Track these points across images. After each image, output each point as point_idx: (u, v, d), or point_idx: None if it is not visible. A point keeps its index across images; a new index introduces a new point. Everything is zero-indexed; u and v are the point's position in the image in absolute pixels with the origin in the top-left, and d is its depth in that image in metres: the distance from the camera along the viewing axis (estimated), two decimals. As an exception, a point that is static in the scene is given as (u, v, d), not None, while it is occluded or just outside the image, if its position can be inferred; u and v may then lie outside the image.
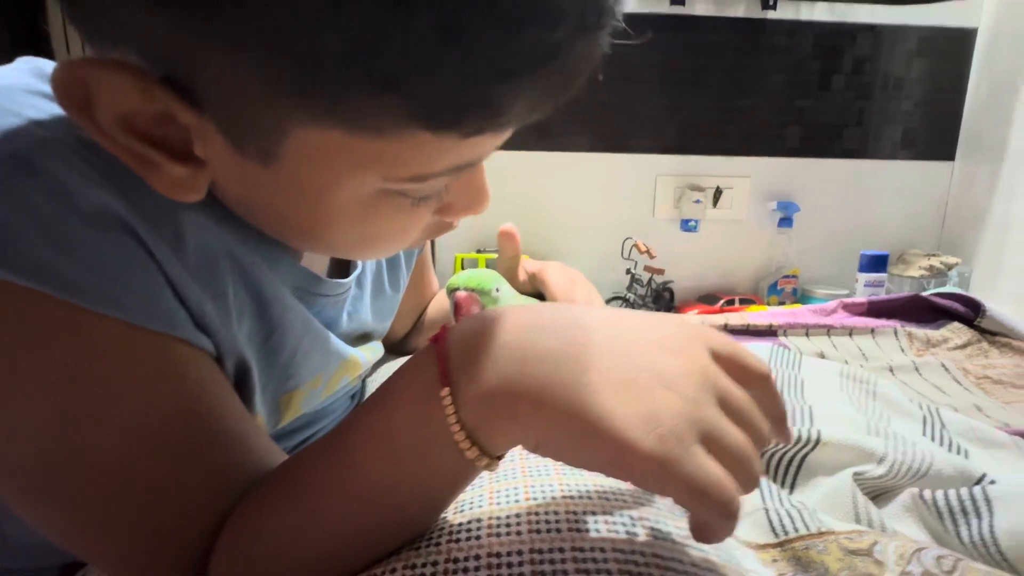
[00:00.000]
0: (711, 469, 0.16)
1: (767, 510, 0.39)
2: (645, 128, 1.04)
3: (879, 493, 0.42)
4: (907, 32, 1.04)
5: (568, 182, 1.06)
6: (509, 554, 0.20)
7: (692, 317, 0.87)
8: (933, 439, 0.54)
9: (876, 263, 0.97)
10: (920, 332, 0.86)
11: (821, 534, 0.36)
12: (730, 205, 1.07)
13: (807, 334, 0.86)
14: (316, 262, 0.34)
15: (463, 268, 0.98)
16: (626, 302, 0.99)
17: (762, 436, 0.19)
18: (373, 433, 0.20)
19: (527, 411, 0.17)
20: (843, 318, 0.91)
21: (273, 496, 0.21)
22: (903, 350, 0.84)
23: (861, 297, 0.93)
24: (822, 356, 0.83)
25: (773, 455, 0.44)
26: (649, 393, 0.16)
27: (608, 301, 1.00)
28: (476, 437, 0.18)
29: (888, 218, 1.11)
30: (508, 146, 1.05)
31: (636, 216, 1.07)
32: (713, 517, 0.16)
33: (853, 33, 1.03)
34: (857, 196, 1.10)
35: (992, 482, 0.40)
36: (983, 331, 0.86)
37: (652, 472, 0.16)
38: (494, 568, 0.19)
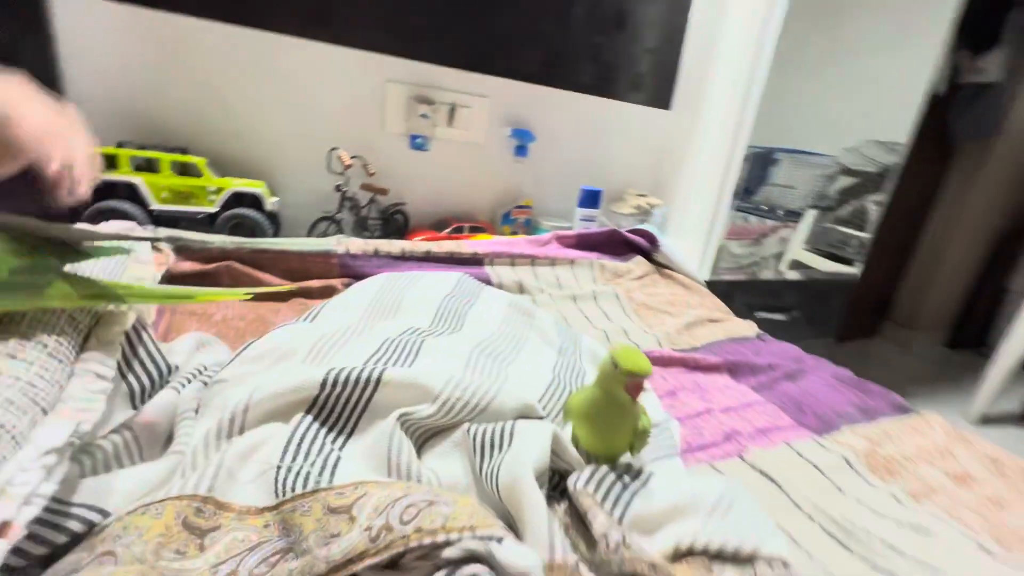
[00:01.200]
0: None
1: (279, 468, 0.34)
2: (375, 21, 0.89)
3: (440, 430, 0.41)
4: (643, -28, 1.06)
5: (277, 72, 0.86)
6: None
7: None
8: (560, 365, 0.57)
9: (591, 199, 1.03)
10: (611, 264, 0.94)
11: (314, 493, 0.31)
12: (467, 126, 1.00)
13: (512, 263, 0.87)
14: None
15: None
16: (334, 223, 0.87)
17: None
18: None
19: None
20: (554, 249, 0.95)
21: None
22: (594, 280, 0.92)
23: (572, 231, 0.98)
24: (520, 286, 0.85)
25: (333, 398, 0.39)
26: None
27: (316, 223, 0.87)
28: None
29: (615, 158, 1.19)
30: (184, 5, 0.69)
31: (363, 126, 0.93)
32: None
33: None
34: (590, 133, 1.14)
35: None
36: (658, 264, 0.99)
37: None
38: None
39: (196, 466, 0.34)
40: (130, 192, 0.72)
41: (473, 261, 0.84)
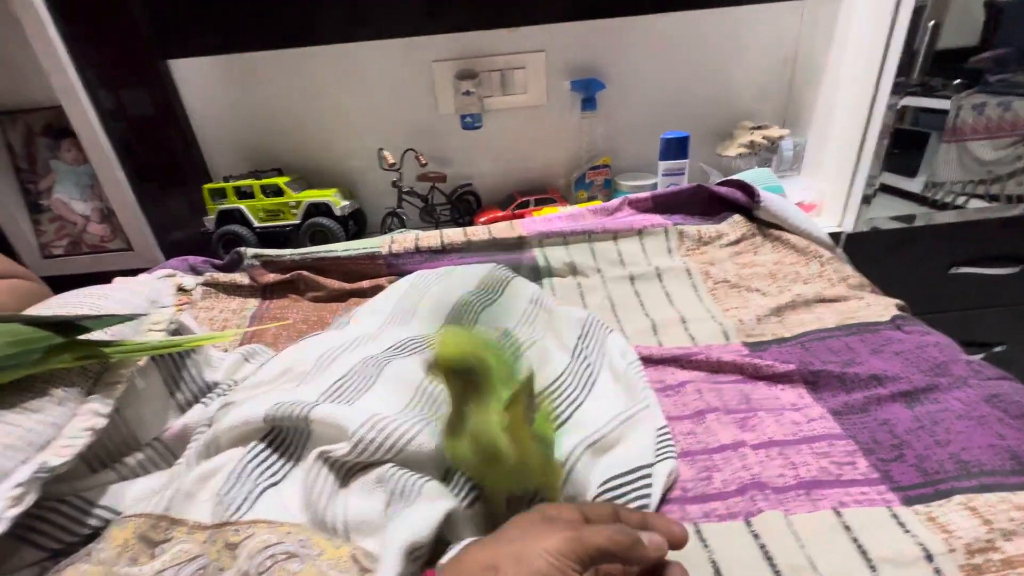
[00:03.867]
0: None
1: (218, 494, 0.39)
2: (411, 4, 0.86)
3: (369, 465, 0.41)
4: None
5: (335, 81, 0.91)
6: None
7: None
8: (568, 374, 0.52)
9: (675, 148, 0.85)
10: (692, 230, 0.78)
11: (222, 526, 0.36)
12: (524, 89, 0.91)
13: (566, 242, 0.79)
14: None
15: (210, 199, 0.90)
16: (396, 216, 0.91)
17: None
18: None
19: None
20: (622, 218, 0.82)
21: None
22: (670, 251, 0.77)
23: (646, 193, 0.83)
24: (573, 267, 0.77)
25: (280, 430, 0.43)
26: None
27: (383, 218, 0.92)
28: None
29: (721, 86, 0.94)
30: (246, 46, 0.88)
31: (420, 116, 0.93)
32: None
33: None
34: (681, 60, 0.91)
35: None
36: (761, 222, 0.77)
37: None
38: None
39: (171, 483, 0.42)
40: (240, 216, 0.88)
41: (519, 245, 0.79)
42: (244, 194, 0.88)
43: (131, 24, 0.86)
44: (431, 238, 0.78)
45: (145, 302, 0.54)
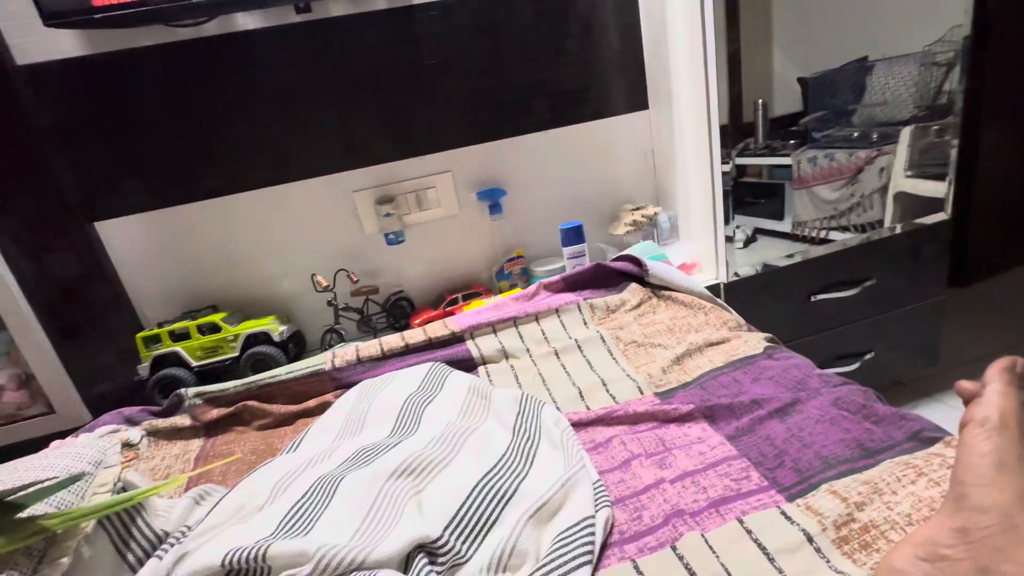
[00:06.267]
0: None
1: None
2: (328, 146, 0.99)
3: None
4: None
5: (264, 219, 1.00)
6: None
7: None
8: (511, 450, 0.57)
9: (573, 235, 1.00)
10: (600, 301, 0.90)
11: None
12: (438, 204, 1.05)
13: (495, 331, 0.88)
14: None
15: (144, 347, 0.91)
16: (335, 333, 0.97)
17: None
18: None
19: None
20: (540, 300, 0.93)
21: None
22: (586, 323, 0.88)
23: (557, 276, 0.95)
24: (504, 352, 0.85)
25: (241, 571, 0.44)
26: None
27: (323, 336, 0.98)
28: None
29: (601, 179, 1.13)
30: (173, 201, 0.93)
31: (347, 239, 1.03)
32: None
33: (510, 3, 0.99)
34: (566, 163, 1.10)
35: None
36: (653, 287, 0.91)
37: None
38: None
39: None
40: (176, 359, 0.90)
41: (453, 341, 0.86)
42: (180, 336, 0.90)
43: (56, 191, 0.91)
44: (371, 347, 0.84)
45: (89, 465, 0.54)
